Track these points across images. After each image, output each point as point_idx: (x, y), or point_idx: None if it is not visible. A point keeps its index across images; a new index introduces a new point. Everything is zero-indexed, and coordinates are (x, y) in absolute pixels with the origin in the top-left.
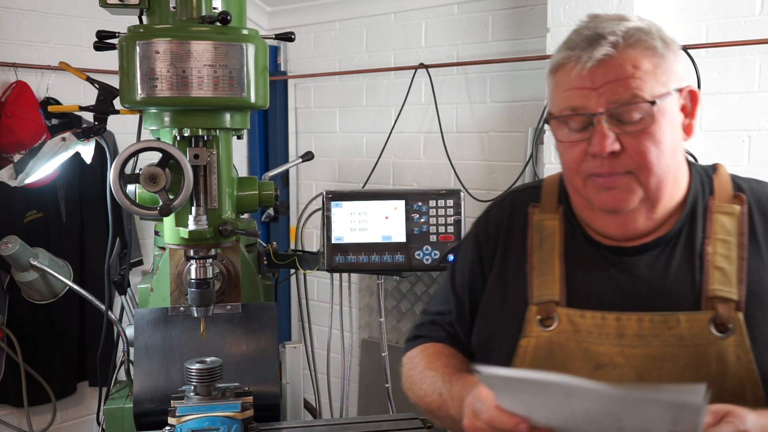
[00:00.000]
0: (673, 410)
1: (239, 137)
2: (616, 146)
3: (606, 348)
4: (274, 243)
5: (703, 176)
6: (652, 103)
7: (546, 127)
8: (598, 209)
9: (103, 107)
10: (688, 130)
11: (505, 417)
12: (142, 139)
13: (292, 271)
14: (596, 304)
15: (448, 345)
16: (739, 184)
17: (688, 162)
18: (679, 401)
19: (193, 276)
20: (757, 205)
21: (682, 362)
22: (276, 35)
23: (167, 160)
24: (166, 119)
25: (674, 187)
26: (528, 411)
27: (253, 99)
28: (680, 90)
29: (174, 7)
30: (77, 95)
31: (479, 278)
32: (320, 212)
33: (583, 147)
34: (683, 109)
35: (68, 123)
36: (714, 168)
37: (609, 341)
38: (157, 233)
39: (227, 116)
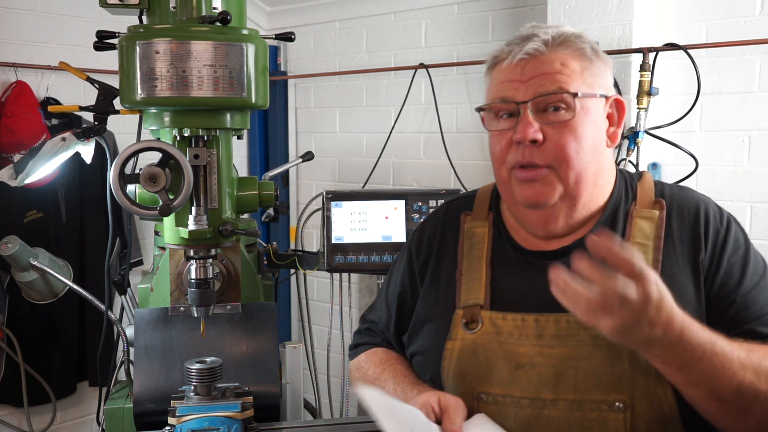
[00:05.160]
0: None
1: (239, 137)
2: (539, 135)
3: (526, 348)
4: (274, 243)
5: (628, 183)
6: (575, 95)
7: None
8: (520, 203)
9: (103, 107)
10: (613, 137)
11: None
12: (142, 139)
13: (292, 271)
14: (518, 306)
15: (387, 348)
16: (661, 190)
17: (618, 170)
18: None
19: (193, 276)
20: (676, 210)
21: (597, 360)
22: (276, 35)
23: (167, 160)
24: (166, 119)
25: (595, 188)
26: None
27: (253, 99)
28: (607, 98)
29: (174, 7)
30: (77, 95)
31: (409, 288)
32: (320, 212)
33: (509, 136)
34: (609, 117)
35: (68, 123)
36: (640, 175)
37: (529, 342)
38: (157, 233)
39: (227, 116)
